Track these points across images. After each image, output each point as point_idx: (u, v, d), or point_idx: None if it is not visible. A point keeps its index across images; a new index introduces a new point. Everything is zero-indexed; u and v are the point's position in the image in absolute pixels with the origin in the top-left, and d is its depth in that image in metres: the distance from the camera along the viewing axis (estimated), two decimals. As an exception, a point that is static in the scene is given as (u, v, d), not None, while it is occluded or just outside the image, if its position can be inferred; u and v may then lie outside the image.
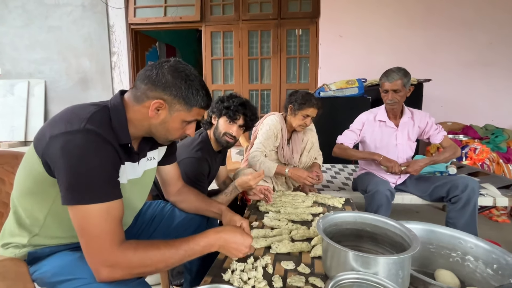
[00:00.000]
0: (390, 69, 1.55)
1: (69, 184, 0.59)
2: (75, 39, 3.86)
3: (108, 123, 0.67)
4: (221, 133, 1.27)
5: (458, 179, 1.48)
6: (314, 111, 1.54)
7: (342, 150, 1.68)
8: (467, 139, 2.84)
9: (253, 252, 0.88)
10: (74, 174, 0.59)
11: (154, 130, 0.74)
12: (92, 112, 0.65)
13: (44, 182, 0.65)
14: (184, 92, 0.71)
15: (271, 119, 1.62)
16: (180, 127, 0.76)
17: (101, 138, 0.62)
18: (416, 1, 3.29)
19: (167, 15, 3.75)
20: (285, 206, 1.27)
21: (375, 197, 1.44)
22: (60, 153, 0.59)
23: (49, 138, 0.61)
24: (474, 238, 0.82)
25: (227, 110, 1.25)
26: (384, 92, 1.57)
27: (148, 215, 0.99)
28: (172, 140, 0.81)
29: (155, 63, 0.72)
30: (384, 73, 1.56)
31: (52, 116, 0.69)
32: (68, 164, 0.59)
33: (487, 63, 3.26)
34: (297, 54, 3.69)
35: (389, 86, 1.53)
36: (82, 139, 0.60)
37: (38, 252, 0.71)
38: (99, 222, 0.60)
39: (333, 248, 0.69)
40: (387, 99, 1.56)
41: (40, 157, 0.63)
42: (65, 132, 0.60)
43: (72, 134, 0.60)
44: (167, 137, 0.77)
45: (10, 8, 3.88)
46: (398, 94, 1.53)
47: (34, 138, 0.67)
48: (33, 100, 3.92)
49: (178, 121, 0.74)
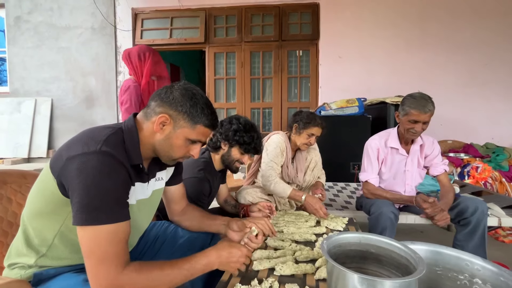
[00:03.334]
0: (421, 96, 1.39)
1: (81, 204, 0.60)
2: (83, 59, 4.00)
3: (122, 145, 0.69)
4: (233, 160, 1.30)
5: (466, 201, 1.45)
6: (319, 131, 1.56)
7: (372, 193, 1.56)
8: (468, 158, 2.85)
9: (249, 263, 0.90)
10: (88, 195, 0.60)
11: (159, 146, 0.76)
12: (108, 134, 0.68)
13: (57, 203, 0.66)
14: (189, 109, 0.73)
15: (277, 137, 1.64)
16: (184, 145, 0.76)
17: (116, 160, 0.64)
18: (412, 25, 3.43)
19: (172, 37, 3.90)
20: (288, 225, 1.26)
21: (379, 220, 1.40)
22: (76, 173, 0.61)
23: (65, 159, 0.63)
24: (481, 260, 0.81)
25: (247, 145, 1.26)
26: (411, 122, 1.41)
27: (151, 235, 0.99)
28: (175, 159, 0.80)
29: (169, 85, 0.77)
30: (415, 101, 1.38)
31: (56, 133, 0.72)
32: (83, 184, 0.60)
33: (484, 82, 3.34)
34: (298, 74, 3.79)
35: (423, 117, 1.37)
36: (98, 160, 0.62)
37: (43, 273, 0.71)
38: (106, 243, 0.60)
39: (338, 270, 0.69)
40: (413, 129, 1.42)
41: (55, 178, 0.65)
42: (81, 153, 0.63)
43: (88, 155, 0.62)
44: (170, 155, 0.77)
45: (22, 30, 4.06)
46: (425, 125, 1.41)
47: (50, 160, 0.69)
48: (39, 118, 3.99)
49: (181, 138, 0.75)
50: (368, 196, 1.59)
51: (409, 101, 1.42)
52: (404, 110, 1.44)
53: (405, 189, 1.61)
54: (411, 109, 1.40)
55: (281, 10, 3.72)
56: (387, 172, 1.60)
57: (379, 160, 1.59)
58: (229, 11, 3.81)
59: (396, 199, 1.53)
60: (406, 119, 1.44)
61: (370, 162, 1.59)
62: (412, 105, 1.40)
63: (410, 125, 1.43)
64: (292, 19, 3.75)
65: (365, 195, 1.61)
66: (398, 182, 1.59)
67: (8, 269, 0.73)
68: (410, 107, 1.41)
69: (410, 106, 1.41)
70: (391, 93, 3.01)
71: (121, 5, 3.90)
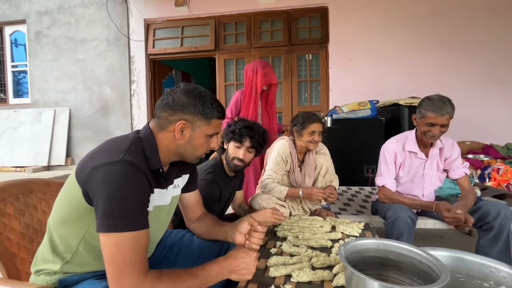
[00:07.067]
0: (439, 99, 1.35)
1: (105, 212, 0.63)
2: (99, 70, 4.15)
3: (142, 153, 0.72)
4: (230, 157, 1.32)
5: (488, 204, 1.39)
6: (318, 125, 1.56)
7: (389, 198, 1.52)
8: (489, 159, 2.74)
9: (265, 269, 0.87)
10: (111, 202, 0.63)
11: (182, 150, 0.80)
12: (129, 144, 0.71)
13: (82, 211, 0.69)
14: (201, 108, 0.77)
15: (279, 144, 1.66)
16: (205, 142, 0.81)
17: (138, 169, 0.67)
18: (423, 24, 3.37)
19: (183, 45, 3.99)
20: (303, 231, 1.25)
21: (395, 225, 1.36)
22: (101, 182, 0.64)
23: (91, 168, 0.66)
24: (507, 267, 0.78)
25: (233, 134, 1.30)
26: (428, 125, 1.38)
27: (168, 243, 1.01)
28: (199, 156, 0.85)
29: (169, 91, 0.79)
30: (432, 103, 1.35)
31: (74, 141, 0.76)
32: (107, 193, 0.63)
33: (501, 81, 3.22)
34: (308, 77, 3.79)
35: (440, 120, 1.33)
36: (122, 169, 0.65)
37: (67, 279, 0.73)
38: (129, 250, 0.62)
39: (358, 278, 0.68)
40: (431, 132, 1.37)
41: (81, 187, 0.68)
42: (106, 163, 0.66)
43: (112, 164, 0.65)
44: (195, 155, 0.83)
45: (42, 44, 4.26)
46: (444, 128, 1.36)
47: (75, 169, 0.72)
48: (58, 127, 4.15)
49: (202, 137, 0.80)
50: (384, 201, 1.55)
51: (426, 103, 1.38)
52: (421, 112, 1.40)
53: (424, 193, 1.57)
54: (427, 111, 1.36)
55: (290, 15, 3.74)
56: (404, 176, 1.56)
57: (397, 165, 1.55)
58: (238, 18, 3.87)
59: (414, 205, 1.48)
60: (423, 122, 1.40)
61: (387, 167, 1.55)
62: (429, 108, 1.36)
63: (427, 128, 1.39)
64: (301, 24, 3.76)
65: (381, 200, 1.57)
66: (416, 186, 1.55)
67: (35, 275, 0.76)
68: (426, 109, 1.37)
69: (426, 108, 1.37)
70: (404, 94, 2.95)
71: (134, 17, 4.03)
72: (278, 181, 1.61)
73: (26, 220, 0.91)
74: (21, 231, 0.88)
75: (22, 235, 0.88)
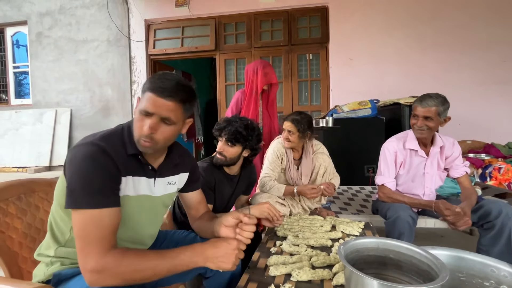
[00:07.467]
0: (428, 93, 1.41)
1: (69, 189, 0.66)
2: (100, 71, 4.16)
3: (119, 139, 0.74)
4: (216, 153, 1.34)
5: (489, 203, 1.39)
6: (288, 124, 1.62)
7: (389, 197, 1.53)
8: (490, 158, 2.73)
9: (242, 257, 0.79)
10: (74, 180, 0.66)
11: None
12: (109, 131, 0.74)
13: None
14: (145, 84, 0.73)
15: (275, 143, 1.73)
16: (137, 119, 0.73)
17: (103, 151, 0.69)
18: (424, 24, 3.37)
19: (184, 46, 4.00)
20: (303, 230, 1.26)
21: (396, 224, 1.36)
22: (68, 161, 0.69)
23: (68, 151, 0.71)
24: (508, 266, 0.78)
25: (214, 130, 1.32)
26: (414, 118, 1.43)
27: (172, 242, 1.01)
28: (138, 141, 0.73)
29: None
30: (419, 97, 1.42)
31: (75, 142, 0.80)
32: (71, 171, 0.67)
33: (502, 80, 3.21)
34: (308, 77, 3.79)
35: (421, 111, 1.38)
36: (86, 150, 0.68)
37: (62, 274, 0.75)
38: (91, 227, 0.65)
39: (357, 276, 0.68)
40: (415, 125, 1.42)
41: (64, 172, 0.72)
42: (76, 145, 0.70)
43: (80, 146, 0.69)
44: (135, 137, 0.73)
45: (43, 45, 4.28)
46: (428, 122, 1.39)
47: None
48: (59, 127, 4.17)
49: (136, 113, 0.74)
50: (384, 200, 1.56)
51: (417, 98, 1.46)
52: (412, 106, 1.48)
53: (424, 192, 1.57)
54: (414, 104, 1.45)
55: (290, 14, 3.75)
56: (405, 175, 1.56)
57: (397, 163, 1.55)
58: (238, 18, 3.87)
59: (414, 204, 1.49)
60: (412, 115, 1.47)
61: (387, 166, 1.55)
62: (415, 101, 1.44)
63: (413, 121, 1.46)
64: (301, 23, 3.76)
65: (381, 198, 1.58)
66: (417, 185, 1.55)
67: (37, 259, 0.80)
68: (414, 103, 1.46)
69: (414, 102, 1.46)
70: (404, 94, 2.95)
71: (135, 17, 4.04)
72: (275, 178, 1.64)
73: (28, 219, 0.91)
74: (23, 231, 0.89)
75: (24, 235, 0.89)
